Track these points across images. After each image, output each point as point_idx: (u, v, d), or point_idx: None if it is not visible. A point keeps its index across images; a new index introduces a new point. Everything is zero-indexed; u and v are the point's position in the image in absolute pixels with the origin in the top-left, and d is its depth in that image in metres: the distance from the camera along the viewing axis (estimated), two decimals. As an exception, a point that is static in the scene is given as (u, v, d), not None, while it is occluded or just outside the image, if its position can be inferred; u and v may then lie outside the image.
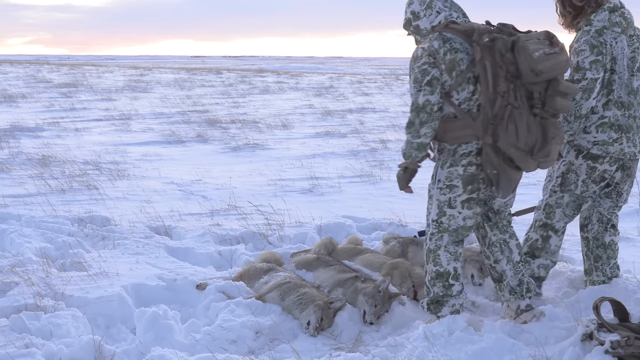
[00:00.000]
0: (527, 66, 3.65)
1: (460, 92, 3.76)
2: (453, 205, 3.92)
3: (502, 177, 3.78)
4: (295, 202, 7.31)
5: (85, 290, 4.45)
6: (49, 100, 19.26)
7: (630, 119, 4.16)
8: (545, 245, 4.53)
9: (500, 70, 3.67)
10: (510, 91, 3.69)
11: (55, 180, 8.28)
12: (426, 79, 3.73)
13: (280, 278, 4.54)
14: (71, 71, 34.28)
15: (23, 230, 5.80)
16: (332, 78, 33.57)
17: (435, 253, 4.02)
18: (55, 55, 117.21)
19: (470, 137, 3.79)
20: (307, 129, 14.09)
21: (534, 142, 3.73)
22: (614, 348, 3.38)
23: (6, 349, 3.60)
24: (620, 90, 4.14)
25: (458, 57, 3.71)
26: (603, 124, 4.15)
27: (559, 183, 4.40)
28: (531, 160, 3.75)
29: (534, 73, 3.66)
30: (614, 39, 4.10)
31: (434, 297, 4.05)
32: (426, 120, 3.76)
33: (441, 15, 3.91)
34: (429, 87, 3.73)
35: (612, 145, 4.16)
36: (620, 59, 4.11)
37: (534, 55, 3.65)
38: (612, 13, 4.11)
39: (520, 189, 8.08)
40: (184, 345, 3.81)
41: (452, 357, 3.62)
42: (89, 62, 58.79)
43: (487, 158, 3.75)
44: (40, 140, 11.94)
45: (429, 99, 3.73)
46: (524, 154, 3.72)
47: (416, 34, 4.02)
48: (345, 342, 4.02)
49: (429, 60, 3.74)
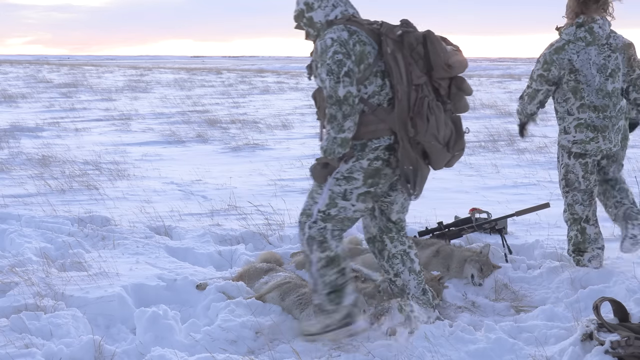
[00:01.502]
0: (441, 60, 3.61)
1: (368, 86, 3.69)
2: (348, 198, 3.77)
3: (418, 174, 3.72)
4: (295, 202, 7.30)
5: (85, 290, 4.44)
6: (49, 101, 19.27)
7: (605, 120, 4.75)
8: (585, 236, 4.93)
9: (411, 64, 3.63)
10: (423, 85, 3.66)
11: (55, 181, 8.28)
12: (344, 70, 3.59)
13: (280, 278, 4.54)
14: (71, 71, 34.29)
15: (23, 230, 5.80)
16: (332, 78, 33.53)
17: (321, 240, 3.80)
18: (55, 55, 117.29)
19: (385, 131, 3.69)
20: (307, 129, 14.08)
21: (450, 136, 3.71)
22: (614, 348, 3.38)
23: (6, 349, 3.60)
24: (591, 95, 4.74)
25: (366, 49, 3.64)
26: (580, 124, 4.77)
27: (564, 185, 4.95)
28: (447, 154, 3.72)
29: (446, 66, 3.62)
30: (576, 52, 4.72)
31: (332, 286, 3.82)
32: (349, 113, 3.61)
33: (337, 10, 3.77)
34: (348, 78, 3.59)
35: (589, 144, 4.77)
36: (586, 69, 4.72)
37: (447, 49, 3.65)
38: (578, 28, 4.73)
39: (520, 189, 8.18)
40: (184, 345, 3.80)
41: (452, 357, 3.62)
42: (89, 62, 58.82)
43: (406, 153, 3.66)
44: (40, 140, 11.95)
45: (350, 90, 3.60)
46: (442, 147, 3.69)
47: (309, 26, 3.84)
48: (345, 342, 4.01)
49: (342, 50, 3.59)
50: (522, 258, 5.33)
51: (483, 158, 10.56)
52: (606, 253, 5.27)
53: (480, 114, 16.89)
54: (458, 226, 5.69)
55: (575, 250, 4.99)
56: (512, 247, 5.50)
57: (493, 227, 5.70)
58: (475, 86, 27.15)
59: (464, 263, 4.95)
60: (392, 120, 3.66)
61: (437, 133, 3.63)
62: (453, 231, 5.65)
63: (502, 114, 16.70)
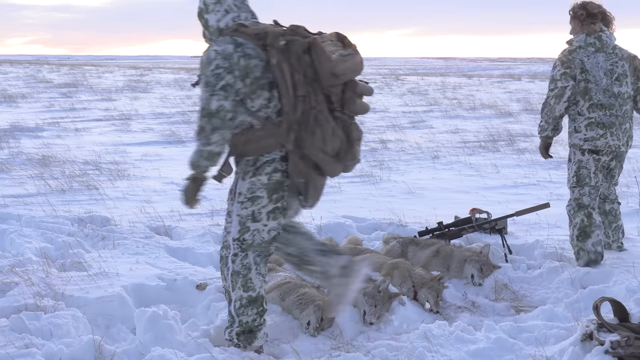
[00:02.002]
0: (327, 69, 3.50)
1: (255, 100, 3.56)
2: (258, 219, 3.64)
3: (310, 185, 3.62)
4: (295, 202, 7.30)
5: (85, 290, 4.44)
6: (49, 100, 19.25)
7: (612, 117, 5.12)
8: (591, 220, 5.15)
9: (298, 73, 3.50)
10: (310, 95, 3.52)
11: (55, 181, 8.28)
12: (220, 84, 3.48)
13: (280, 278, 4.54)
14: (71, 71, 34.25)
15: (23, 230, 5.80)
16: (332, 78, 33.52)
17: (245, 277, 3.68)
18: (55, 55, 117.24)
19: (275, 145, 3.58)
20: (307, 129, 14.07)
21: (340, 146, 3.61)
22: (614, 348, 3.38)
23: (6, 349, 3.60)
24: (598, 95, 5.12)
25: (252, 63, 3.51)
26: (590, 123, 5.11)
27: (575, 181, 5.21)
28: (338, 165, 3.64)
29: (333, 76, 3.51)
30: (587, 56, 5.16)
31: (246, 327, 3.72)
32: (219, 127, 3.50)
33: (229, 16, 3.65)
34: (223, 92, 3.49)
35: (599, 140, 5.11)
36: (595, 71, 5.13)
37: (332, 57, 3.51)
38: (588, 36, 5.19)
39: (520, 189, 8.18)
40: (184, 345, 3.80)
41: (452, 357, 3.62)
42: (89, 62, 58.81)
43: (295, 167, 3.57)
44: (40, 140, 11.94)
45: (223, 104, 3.50)
46: (331, 159, 3.60)
47: (205, 28, 3.74)
48: (345, 342, 4.02)
49: (224, 64, 3.49)
50: (522, 258, 5.33)
51: (483, 158, 10.56)
52: (606, 253, 5.28)
53: (480, 114, 16.89)
54: (458, 226, 5.69)
55: (580, 235, 5.12)
56: (512, 247, 5.50)
57: (493, 227, 5.71)
58: (475, 86, 27.15)
59: (464, 263, 4.95)
60: (280, 134, 3.55)
61: (324, 146, 3.54)
62: (453, 231, 5.65)
63: (502, 114, 16.69)
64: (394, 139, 12.51)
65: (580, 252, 5.11)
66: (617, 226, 5.49)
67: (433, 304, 4.43)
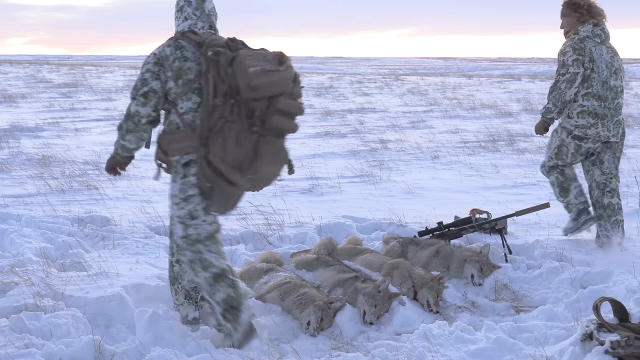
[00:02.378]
0: (243, 81, 3.61)
1: (185, 102, 3.73)
2: (195, 216, 3.81)
3: (216, 191, 3.71)
4: (295, 202, 7.31)
5: (85, 290, 4.44)
6: (49, 100, 19.25)
7: (605, 109, 5.41)
8: (565, 175, 5.62)
9: (222, 84, 3.64)
10: (228, 105, 3.65)
11: (55, 181, 8.28)
12: (143, 90, 3.76)
13: (280, 278, 4.54)
14: (71, 71, 34.25)
15: (23, 230, 5.80)
16: (332, 78, 33.55)
17: (201, 259, 3.81)
18: (55, 55, 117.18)
19: (190, 148, 3.73)
20: (307, 129, 14.08)
21: (243, 158, 3.66)
22: (614, 348, 3.38)
23: (6, 349, 3.60)
24: (598, 86, 5.41)
25: (186, 65, 3.72)
26: (583, 111, 5.42)
27: (555, 153, 5.61)
28: (240, 176, 3.68)
29: (249, 88, 3.61)
30: (594, 46, 5.42)
31: (225, 304, 3.76)
32: (132, 130, 3.82)
33: (186, 23, 3.89)
34: (143, 99, 3.75)
35: (590, 129, 5.41)
36: (600, 62, 5.41)
37: (248, 70, 3.61)
38: (595, 27, 5.46)
39: (520, 189, 8.18)
40: (183, 345, 3.80)
41: (452, 357, 3.62)
42: (89, 62, 58.80)
43: (201, 170, 3.70)
44: (40, 140, 11.94)
45: (139, 110, 3.77)
46: (233, 169, 3.66)
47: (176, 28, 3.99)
48: (345, 342, 4.02)
49: (154, 69, 3.75)
50: (522, 258, 5.33)
51: (483, 158, 10.56)
52: (606, 253, 5.28)
53: (480, 114, 16.89)
54: (458, 226, 5.69)
55: (561, 192, 5.66)
56: (512, 247, 5.50)
57: (493, 227, 5.71)
58: (475, 86, 27.15)
59: (464, 263, 4.95)
60: (194, 138, 3.70)
61: (224, 155, 3.63)
62: (453, 231, 5.65)
63: (502, 114, 16.69)
64: (394, 139, 12.51)
65: (569, 206, 5.66)
66: (616, 220, 5.57)
67: (433, 304, 4.43)
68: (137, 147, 3.93)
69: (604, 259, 5.14)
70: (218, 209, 3.80)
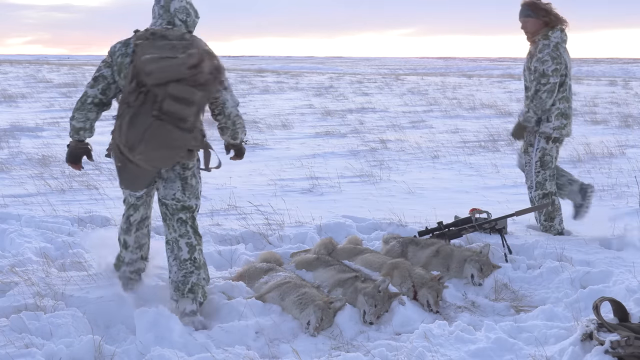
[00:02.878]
0: (139, 67, 3.87)
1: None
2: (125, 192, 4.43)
3: (123, 170, 4.07)
4: (295, 202, 7.31)
5: (85, 290, 4.45)
6: (49, 100, 19.25)
7: (570, 110, 5.88)
8: (554, 206, 5.92)
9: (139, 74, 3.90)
10: (136, 92, 3.90)
11: (55, 180, 8.28)
12: (95, 74, 4.15)
13: (280, 278, 4.54)
14: (71, 71, 34.23)
15: (23, 230, 5.80)
16: (332, 78, 33.56)
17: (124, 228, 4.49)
18: (55, 55, 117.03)
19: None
20: (307, 129, 14.08)
21: (133, 140, 3.91)
22: (614, 348, 3.38)
23: (6, 349, 3.60)
24: (568, 89, 5.82)
25: (126, 61, 4.05)
26: (559, 113, 5.80)
27: (539, 165, 5.88)
28: (132, 157, 3.95)
29: (144, 74, 3.86)
30: (564, 51, 5.75)
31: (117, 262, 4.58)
32: (79, 108, 4.17)
33: (153, 21, 4.21)
34: (93, 81, 4.14)
35: (564, 129, 5.83)
36: (569, 66, 5.79)
37: (142, 57, 3.88)
38: (562, 32, 5.76)
39: (520, 189, 8.17)
40: (184, 345, 3.81)
41: (452, 357, 3.62)
42: (89, 62, 58.73)
43: (113, 152, 4.08)
44: (40, 140, 11.94)
45: (87, 90, 4.15)
46: (128, 150, 3.93)
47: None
48: (345, 342, 4.02)
49: (107, 59, 4.13)
50: (522, 258, 5.33)
51: (483, 158, 10.56)
52: (606, 253, 5.28)
53: (480, 114, 16.88)
54: (458, 226, 5.69)
55: (547, 219, 5.98)
56: (512, 247, 5.50)
57: (493, 227, 5.70)
58: (475, 86, 27.15)
59: (464, 263, 4.95)
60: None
61: (119, 136, 3.94)
62: (453, 231, 5.65)
63: (502, 114, 16.69)
64: (394, 139, 12.51)
65: (551, 229, 5.97)
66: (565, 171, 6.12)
67: (433, 304, 4.43)
68: (84, 127, 4.20)
69: (603, 258, 5.14)
70: (127, 187, 4.22)
